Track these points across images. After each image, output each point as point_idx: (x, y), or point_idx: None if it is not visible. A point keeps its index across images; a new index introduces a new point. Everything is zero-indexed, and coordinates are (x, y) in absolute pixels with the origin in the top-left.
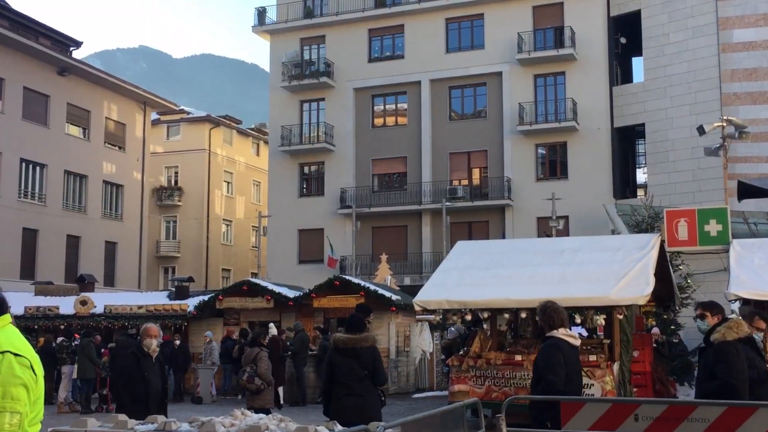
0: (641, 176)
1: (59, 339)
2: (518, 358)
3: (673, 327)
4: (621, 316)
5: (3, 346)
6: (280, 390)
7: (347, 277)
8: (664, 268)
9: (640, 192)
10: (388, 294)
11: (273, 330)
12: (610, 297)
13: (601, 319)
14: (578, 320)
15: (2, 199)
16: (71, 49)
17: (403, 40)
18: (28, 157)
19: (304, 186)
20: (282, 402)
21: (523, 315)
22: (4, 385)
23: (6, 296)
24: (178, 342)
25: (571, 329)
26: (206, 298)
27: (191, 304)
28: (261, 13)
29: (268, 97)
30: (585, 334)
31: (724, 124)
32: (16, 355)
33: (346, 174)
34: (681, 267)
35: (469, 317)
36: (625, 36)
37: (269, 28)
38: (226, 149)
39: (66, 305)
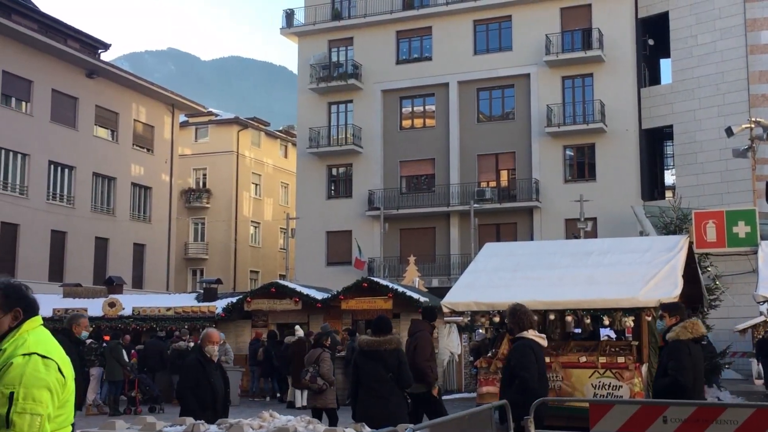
0: (669, 178)
1: (87, 341)
2: (546, 360)
3: None
4: (649, 318)
5: (30, 348)
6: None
7: (375, 279)
8: (693, 269)
9: (668, 193)
10: (416, 296)
11: (299, 332)
12: (639, 299)
13: (629, 321)
14: (606, 322)
15: (31, 201)
16: (99, 51)
17: (430, 42)
18: (56, 159)
19: (332, 188)
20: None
21: (552, 317)
22: (26, 387)
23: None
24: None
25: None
26: (234, 300)
27: (219, 306)
28: (289, 15)
29: (296, 99)
30: (614, 335)
31: (752, 125)
32: (43, 357)
33: (374, 176)
34: (709, 269)
35: (497, 319)
36: (653, 38)
37: (297, 30)
38: (254, 151)
39: (94, 307)
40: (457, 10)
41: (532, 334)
